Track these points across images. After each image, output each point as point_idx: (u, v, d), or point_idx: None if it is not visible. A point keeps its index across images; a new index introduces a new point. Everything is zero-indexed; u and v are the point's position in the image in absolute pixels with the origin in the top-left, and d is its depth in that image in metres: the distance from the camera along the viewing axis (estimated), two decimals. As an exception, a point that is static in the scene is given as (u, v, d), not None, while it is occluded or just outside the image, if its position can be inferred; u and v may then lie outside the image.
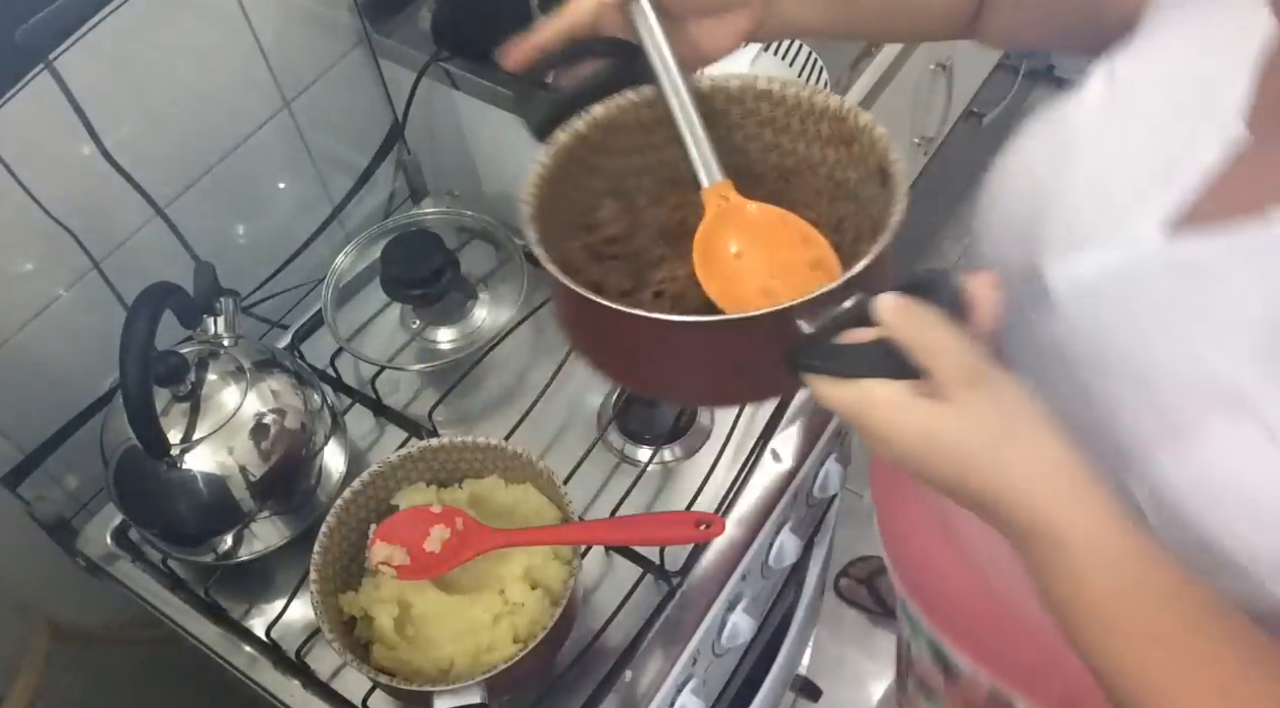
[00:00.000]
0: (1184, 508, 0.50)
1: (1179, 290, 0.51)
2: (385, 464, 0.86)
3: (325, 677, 0.90)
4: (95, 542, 1.00)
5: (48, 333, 0.98)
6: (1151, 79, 0.56)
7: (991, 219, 0.62)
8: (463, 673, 0.78)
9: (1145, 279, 0.52)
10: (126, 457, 0.86)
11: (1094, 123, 0.57)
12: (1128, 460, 0.52)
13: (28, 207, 0.91)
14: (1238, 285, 0.49)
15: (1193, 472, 0.49)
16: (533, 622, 0.81)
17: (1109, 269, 0.53)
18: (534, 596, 0.82)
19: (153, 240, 1.04)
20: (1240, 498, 0.48)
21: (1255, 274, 0.48)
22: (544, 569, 0.84)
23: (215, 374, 0.88)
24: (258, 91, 1.10)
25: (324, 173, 1.23)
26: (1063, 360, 0.56)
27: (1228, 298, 0.49)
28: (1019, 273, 0.58)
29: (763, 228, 0.58)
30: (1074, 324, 0.55)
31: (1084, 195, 0.56)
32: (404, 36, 1.19)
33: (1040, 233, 0.57)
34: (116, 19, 0.91)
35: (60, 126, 0.91)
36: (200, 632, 0.93)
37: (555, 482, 0.85)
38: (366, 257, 1.12)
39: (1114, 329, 0.53)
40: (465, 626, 0.81)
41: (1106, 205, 0.54)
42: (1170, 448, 0.50)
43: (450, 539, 0.81)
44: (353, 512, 0.85)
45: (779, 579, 1.16)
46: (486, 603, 0.81)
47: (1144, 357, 0.52)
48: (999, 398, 0.46)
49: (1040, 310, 0.57)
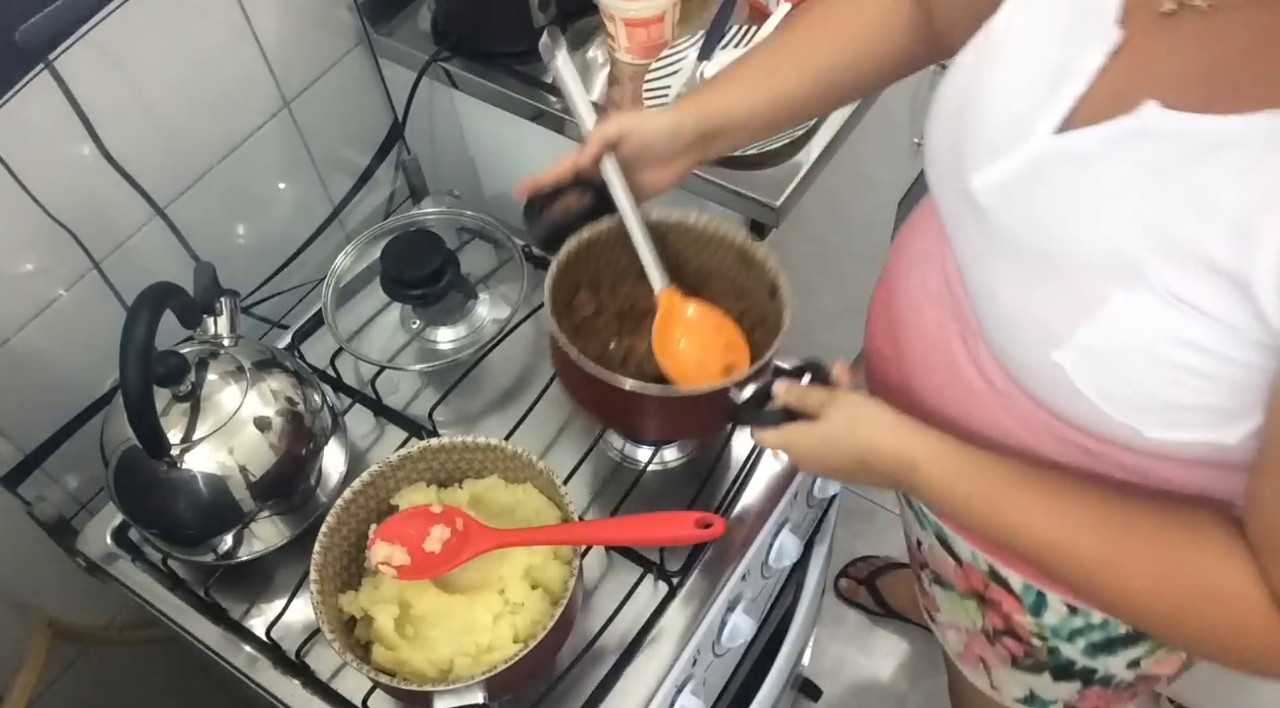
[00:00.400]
0: (1106, 371, 0.59)
1: (1072, 180, 0.59)
2: (385, 464, 0.86)
3: (325, 677, 0.90)
4: (95, 542, 1.00)
5: (48, 333, 0.98)
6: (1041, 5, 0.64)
7: (931, 143, 0.72)
8: (462, 673, 0.78)
9: (1044, 175, 0.61)
10: (126, 457, 0.86)
11: (1001, 46, 0.66)
12: (1056, 337, 0.60)
13: (28, 207, 0.91)
14: (1119, 170, 0.56)
15: (1105, 338, 0.58)
16: (533, 622, 0.81)
17: (1015, 171, 0.62)
18: (534, 596, 0.82)
19: (153, 240, 1.04)
20: (1147, 354, 0.56)
21: (1132, 158, 0.56)
22: (544, 569, 0.84)
23: (215, 374, 0.88)
24: (258, 91, 1.10)
25: (324, 173, 1.23)
26: (994, 257, 0.66)
27: (1112, 182, 0.57)
28: (955, 186, 0.68)
29: (697, 320, 0.86)
30: (995, 224, 0.64)
31: (995, 113, 0.65)
32: (404, 36, 1.19)
33: (965, 150, 0.67)
34: (116, 19, 0.91)
35: (60, 126, 0.91)
36: (200, 632, 0.93)
37: (555, 482, 0.85)
38: (366, 256, 1.12)
39: (1026, 223, 0.62)
40: (465, 625, 0.80)
41: (1012, 118, 0.63)
42: (1085, 320, 0.58)
43: (450, 539, 0.81)
44: (353, 512, 0.85)
45: (779, 579, 1.16)
46: (487, 603, 0.81)
47: (1052, 244, 0.60)
48: (846, 403, 0.73)
49: (973, 217, 0.66)
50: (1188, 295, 0.53)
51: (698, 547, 0.94)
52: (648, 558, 0.93)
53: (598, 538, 0.87)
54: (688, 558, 0.93)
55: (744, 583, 0.99)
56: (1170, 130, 0.54)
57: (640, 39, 1.12)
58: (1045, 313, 0.61)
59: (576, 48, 1.18)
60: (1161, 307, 0.54)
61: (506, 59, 1.16)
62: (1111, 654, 0.85)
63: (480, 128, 1.26)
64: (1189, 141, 0.54)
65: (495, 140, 1.26)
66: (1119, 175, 0.56)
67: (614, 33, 1.12)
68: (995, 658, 0.96)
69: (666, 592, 0.92)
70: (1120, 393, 0.60)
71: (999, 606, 0.89)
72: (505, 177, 1.32)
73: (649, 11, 1.09)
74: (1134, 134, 0.56)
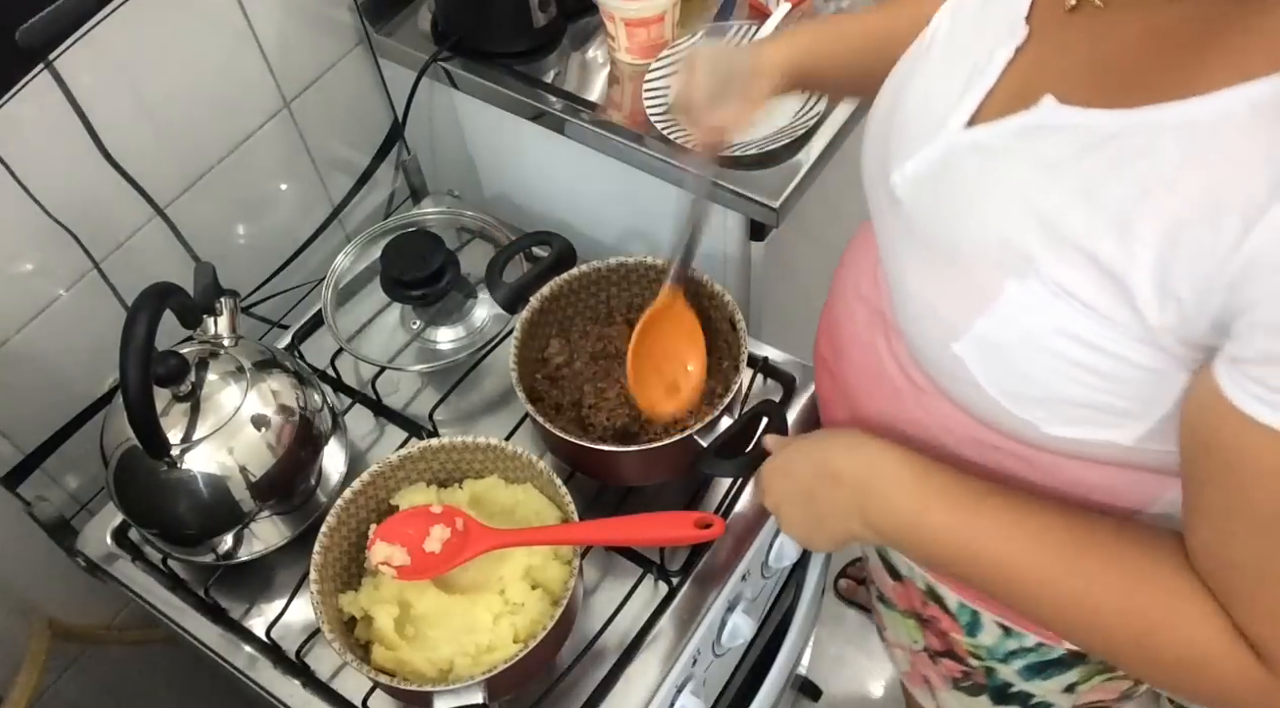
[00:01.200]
0: (1003, 364, 0.60)
1: (977, 173, 0.60)
2: (385, 464, 0.86)
3: (325, 677, 0.90)
4: (95, 542, 1.00)
5: (48, 333, 0.98)
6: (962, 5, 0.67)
7: (866, 143, 0.74)
8: (463, 673, 0.78)
9: (952, 168, 0.62)
10: (126, 457, 0.86)
11: (928, 47, 0.68)
12: (955, 329, 0.61)
13: (28, 207, 0.91)
14: (1017, 163, 0.58)
15: (1000, 331, 0.58)
16: (533, 622, 0.81)
17: (928, 164, 0.64)
18: (534, 596, 0.82)
19: (153, 240, 1.04)
20: (1039, 347, 0.56)
21: (1030, 151, 0.57)
22: (544, 570, 0.84)
23: (215, 374, 0.88)
24: (258, 91, 1.10)
25: (324, 173, 1.23)
26: (906, 249, 0.67)
27: (1010, 174, 0.58)
28: (882, 183, 0.69)
29: (683, 320, 0.91)
30: (908, 217, 0.66)
31: (916, 109, 0.67)
32: (404, 36, 1.19)
33: (891, 147, 0.68)
34: (116, 19, 0.91)
35: (60, 126, 0.91)
36: (200, 632, 0.93)
37: (555, 482, 0.85)
38: (366, 256, 1.12)
39: (933, 215, 0.63)
40: (465, 625, 0.80)
41: (930, 114, 0.65)
42: (981, 312, 0.59)
43: (450, 539, 0.81)
44: (353, 512, 0.85)
45: (779, 579, 1.16)
46: (487, 603, 0.81)
47: (953, 234, 0.61)
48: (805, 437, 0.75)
49: (892, 211, 0.68)
50: (1074, 289, 0.54)
51: (698, 547, 0.94)
52: (648, 558, 0.93)
53: (597, 538, 0.87)
54: (688, 558, 0.93)
55: (744, 583, 0.99)
56: (1064, 124, 0.55)
57: (640, 39, 1.12)
58: (946, 305, 0.62)
59: (577, 48, 1.19)
60: (1051, 299, 0.55)
61: (506, 59, 1.16)
62: (1047, 678, 0.83)
63: (480, 128, 1.26)
64: (1081, 136, 0.54)
65: (495, 140, 1.26)
66: (1017, 168, 0.57)
67: (614, 33, 1.12)
68: (938, 678, 0.95)
69: (666, 592, 0.92)
70: (1017, 387, 0.60)
71: (937, 624, 0.88)
72: (505, 177, 1.32)
73: (649, 11, 1.09)
74: (1032, 128, 0.57)
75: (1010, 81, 0.61)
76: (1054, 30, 0.60)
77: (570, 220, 1.28)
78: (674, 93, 0.86)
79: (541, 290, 0.95)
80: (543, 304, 0.95)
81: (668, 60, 1.12)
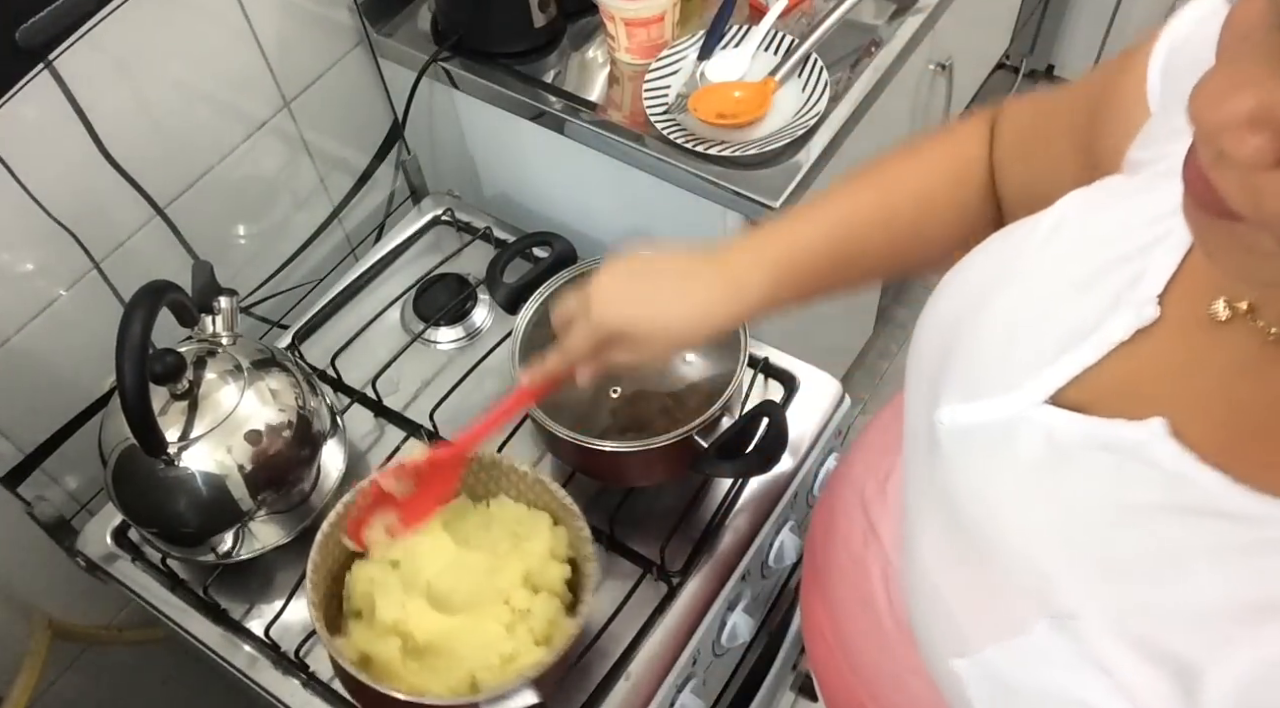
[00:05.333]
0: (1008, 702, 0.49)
1: (1036, 470, 0.49)
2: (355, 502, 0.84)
3: (325, 677, 0.90)
4: (95, 542, 1.00)
5: (48, 333, 0.98)
6: (1090, 234, 0.53)
7: (918, 345, 0.61)
8: (491, 686, 0.77)
9: (1015, 443, 0.50)
10: (125, 456, 0.86)
11: (1020, 269, 0.55)
12: (963, 642, 0.51)
13: (28, 207, 0.91)
14: (1094, 487, 0.46)
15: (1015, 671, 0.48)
16: (549, 623, 0.81)
17: (986, 421, 0.52)
18: (540, 599, 0.82)
19: (153, 240, 1.04)
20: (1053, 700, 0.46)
21: (1111, 479, 0.46)
22: (544, 573, 0.83)
23: (213, 373, 0.88)
24: (258, 91, 1.10)
25: (324, 173, 1.23)
26: (934, 517, 0.56)
27: (1081, 498, 0.47)
28: (925, 407, 0.57)
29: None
30: (944, 477, 0.54)
31: (993, 341, 0.54)
32: (404, 36, 1.19)
33: (947, 372, 0.56)
34: (116, 19, 0.91)
35: (60, 126, 0.91)
36: (200, 632, 0.93)
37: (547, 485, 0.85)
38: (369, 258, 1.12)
39: (974, 494, 0.52)
40: (480, 641, 0.79)
41: (1006, 360, 0.52)
42: (1000, 641, 0.48)
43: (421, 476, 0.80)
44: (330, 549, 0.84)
45: (779, 579, 1.16)
46: (494, 615, 0.81)
47: (993, 536, 0.50)
48: None
49: (928, 449, 0.56)
50: (1119, 667, 0.43)
51: (698, 547, 0.94)
52: (648, 558, 0.93)
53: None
54: (688, 558, 0.93)
55: (744, 583, 0.99)
56: (1166, 467, 0.43)
57: (640, 39, 1.12)
58: (961, 609, 0.52)
59: (577, 48, 1.19)
60: (1086, 667, 0.44)
61: (506, 59, 1.16)
62: None
63: (480, 128, 1.26)
64: (1184, 491, 0.43)
65: (495, 140, 1.26)
66: (1090, 493, 0.46)
67: (614, 33, 1.12)
68: None
69: (666, 592, 0.91)
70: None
71: None
72: (505, 176, 1.32)
73: (649, 11, 1.09)
74: (1124, 452, 0.45)
75: (1115, 367, 0.48)
76: (1191, 331, 0.46)
77: (570, 220, 1.28)
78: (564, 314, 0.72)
79: (541, 290, 0.95)
80: (543, 304, 0.95)
81: (668, 60, 1.12)
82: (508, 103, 1.15)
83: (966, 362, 0.55)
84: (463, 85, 1.18)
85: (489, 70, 1.15)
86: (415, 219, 1.23)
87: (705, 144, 1.04)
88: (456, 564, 0.83)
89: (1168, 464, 0.43)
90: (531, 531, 0.86)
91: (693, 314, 0.67)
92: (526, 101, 1.13)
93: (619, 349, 0.69)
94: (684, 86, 1.10)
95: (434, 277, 1.15)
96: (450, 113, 1.26)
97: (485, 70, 1.16)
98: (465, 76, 1.16)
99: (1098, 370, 0.48)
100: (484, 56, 1.16)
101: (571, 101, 1.12)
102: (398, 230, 1.22)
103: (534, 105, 1.13)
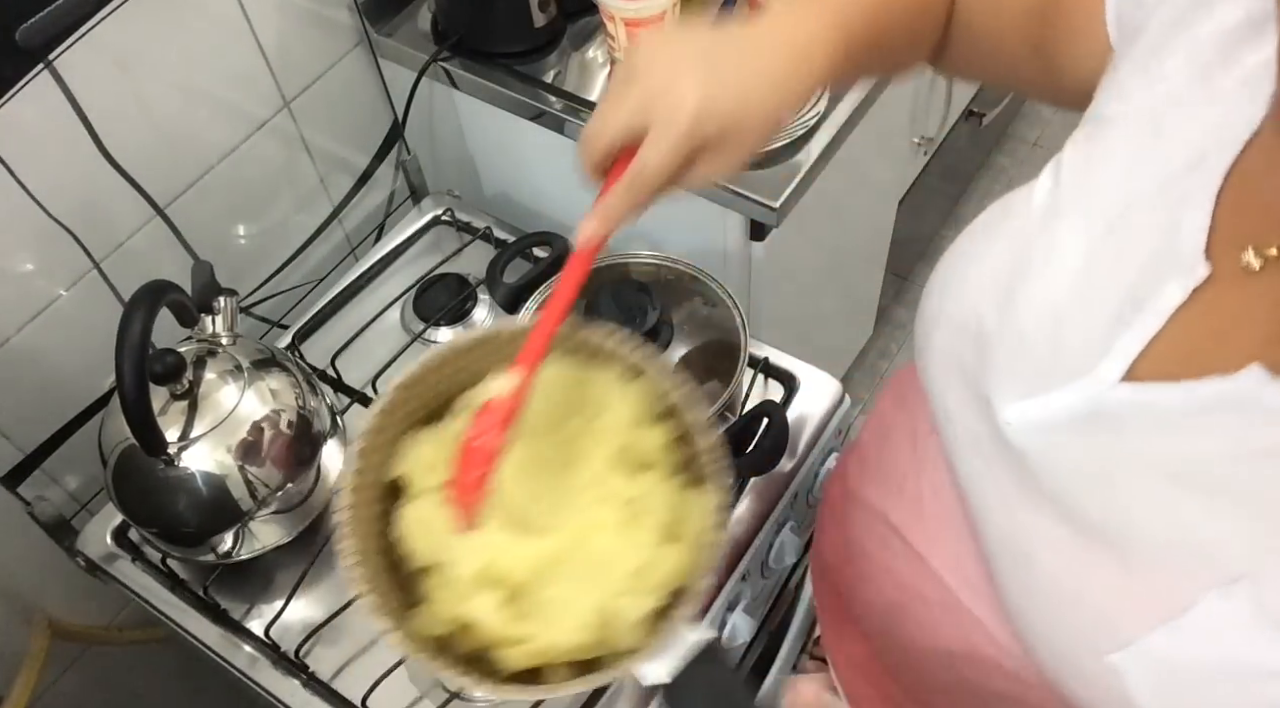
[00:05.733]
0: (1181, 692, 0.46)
1: (1148, 446, 0.47)
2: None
3: (325, 677, 0.90)
4: (95, 542, 1.00)
5: (48, 333, 0.98)
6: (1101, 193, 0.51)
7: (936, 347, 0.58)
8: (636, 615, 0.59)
9: (1110, 429, 0.48)
10: (125, 456, 0.86)
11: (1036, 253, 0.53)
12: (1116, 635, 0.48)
13: (28, 207, 0.91)
14: (1212, 446, 0.45)
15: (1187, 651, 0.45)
16: (672, 507, 0.62)
17: (1068, 415, 0.50)
18: (648, 481, 0.62)
19: (153, 240, 1.04)
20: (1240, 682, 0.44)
21: (1230, 433, 0.44)
22: (637, 444, 0.63)
23: (213, 373, 0.88)
24: (258, 91, 1.10)
25: (324, 173, 1.23)
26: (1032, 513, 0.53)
27: (1203, 460, 0.45)
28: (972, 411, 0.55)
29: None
30: (1038, 474, 0.52)
31: (1039, 331, 0.52)
32: (404, 36, 1.19)
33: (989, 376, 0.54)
34: (116, 19, 0.91)
35: (60, 126, 0.91)
36: (200, 632, 0.93)
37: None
38: (369, 258, 1.12)
39: (1086, 486, 0.50)
40: (595, 560, 0.60)
41: (1061, 349, 0.51)
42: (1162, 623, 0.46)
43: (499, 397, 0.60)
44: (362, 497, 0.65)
45: (779, 579, 1.16)
46: (598, 520, 0.61)
47: (1121, 521, 0.48)
48: None
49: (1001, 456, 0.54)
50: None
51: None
52: (647, 558, 0.93)
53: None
54: (687, 558, 0.93)
55: (744, 583, 0.99)
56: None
57: (640, 39, 1.12)
58: (1105, 600, 0.48)
59: (577, 48, 1.19)
60: (1264, 627, 0.42)
61: (506, 59, 1.16)
62: None
63: (480, 128, 1.26)
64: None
65: (495, 140, 1.26)
66: (1214, 452, 0.45)
67: (614, 33, 1.12)
68: None
69: (666, 592, 0.91)
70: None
71: None
72: (505, 177, 1.32)
73: (649, 11, 1.09)
74: (1232, 404, 0.44)
75: (1180, 330, 0.47)
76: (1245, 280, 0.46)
77: (570, 220, 1.28)
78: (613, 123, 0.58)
79: (541, 290, 0.95)
80: (544, 304, 0.93)
81: (668, 60, 1.12)
82: (508, 103, 1.15)
83: (1011, 357, 0.53)
84: (463, 85, 1.18)
85: (489, 70, 1.15)
86: (415, 219, 1.23)
87: (705, 144, 1.04)
88: (521, 470, 0.63)
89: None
90: (603, 395, 0.66)
91: (777, 94, 0.56)
92: (526, 101, 1.13)
93: (708, 158, 0.56)
94: (684, 86, 1.10)
95: (434, 277, 1.15)
96: (450, 113, 1.26)
97: (485, 70, 1.16)
98: (465, 76, 1.16)
99: (1163, 337, 0.47)
100: (484, 56, 1.16)
101: (571, 101, 1.12)
102: (398, 230, 1.22)
103: (534, 105, 1.13)
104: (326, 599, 0.94)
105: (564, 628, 0.58)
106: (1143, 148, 0.50)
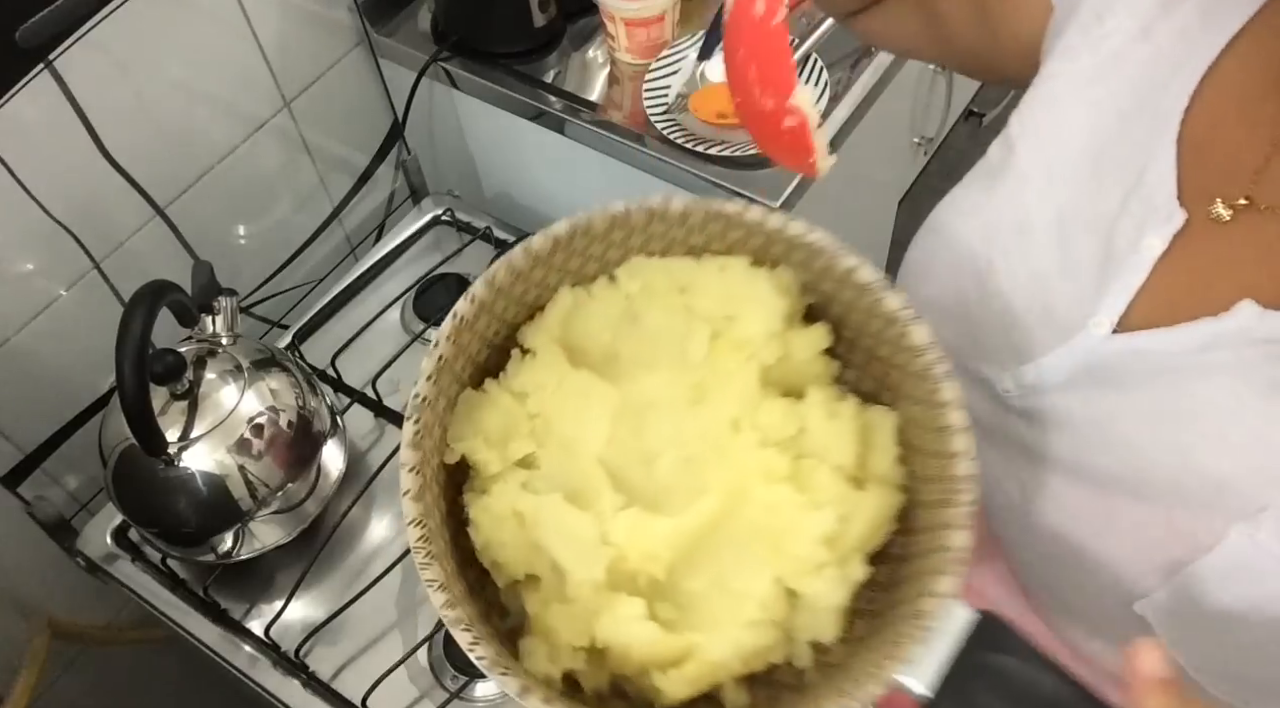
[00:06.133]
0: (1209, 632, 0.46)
1: (1153, 392, 0.47)
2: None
3: (325, 677, 0.90)
4: (95, 542, 1.00)
5: (48, 333, 0.98)
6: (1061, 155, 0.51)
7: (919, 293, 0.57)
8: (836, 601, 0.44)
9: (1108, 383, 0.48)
10: (125, 455, 0.86)
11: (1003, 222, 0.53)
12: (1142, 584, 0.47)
13: (28, 207, 0.91)
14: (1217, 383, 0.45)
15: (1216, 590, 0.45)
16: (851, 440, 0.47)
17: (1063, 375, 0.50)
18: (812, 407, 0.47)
19: (153, 240, 1.04)
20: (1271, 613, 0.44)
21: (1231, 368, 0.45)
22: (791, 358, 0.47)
23: (213, 373, 0.88)
24: (258, 91, 1.10)
25: (324, 173, 1.23)
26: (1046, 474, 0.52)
27: (1210, 397, 0.46)
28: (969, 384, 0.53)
29: None
30: (1048, 435, 0.51)
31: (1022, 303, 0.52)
32: (404, 36, 1.19)
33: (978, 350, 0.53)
34: (116, 19, 0.91)
35: (60, 126, 0.91)
36: (200, 632, 0.93)
37: None
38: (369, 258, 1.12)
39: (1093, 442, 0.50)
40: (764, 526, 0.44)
41: (1050, 311, 0.51)
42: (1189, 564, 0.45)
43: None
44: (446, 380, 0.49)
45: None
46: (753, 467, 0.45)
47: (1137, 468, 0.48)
48: None
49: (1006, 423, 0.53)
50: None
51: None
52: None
53: None
54: (687, 558, 0.93)
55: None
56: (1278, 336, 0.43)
57: (640, 39, 1.12)
58: (1131, 550, 0.48)
59: (577, 48, 1.19)
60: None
61: (506, 59, 1.16)
62: None
63: (480, 128, 1.26)
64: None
65: (495, 140, 1.26)
66: (1218, 389, 0.45)
67: (614, 33, 1.12)
68: None
69: (666, 592, 0.91)
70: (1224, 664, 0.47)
71: None
72: (505, 177, 1.32)
73: (649, 11, 1.09)
74: (1230, 340, 0.45)
75: (1162, 279, 0.48)
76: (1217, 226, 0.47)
77: (570, 220, 1.28)
78: None
79: None
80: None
81: (668, 60, 1.12)
82: (508, 103, 1.15)
83: (1001, 330, 0.53)
84: (463, 85, 1.18)
85: (489, 70, 1.15)
86: (415, 219, 1.23)
87: (705, 144, 1.04)
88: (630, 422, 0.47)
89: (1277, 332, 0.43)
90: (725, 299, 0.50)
91: None
92: (526, 101, 1.13)
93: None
94: (684, 86, 1.10)
95: (434, 277, 1.15)
96: (450, 113, 1.26)
97: (485, 70, 1.16)
98: (465, 76, 1.16)
99: (1147, 287, 0.48)
100: (484, 56, 1.16)
101: (571, 101, 1.12)
102: (398, 230, 1.22)
103: (534, 105, 1.13)
104: (327, 599, 0.94)
105: (731, 631, 0.43)
106: (1094, 104, 0.51)
